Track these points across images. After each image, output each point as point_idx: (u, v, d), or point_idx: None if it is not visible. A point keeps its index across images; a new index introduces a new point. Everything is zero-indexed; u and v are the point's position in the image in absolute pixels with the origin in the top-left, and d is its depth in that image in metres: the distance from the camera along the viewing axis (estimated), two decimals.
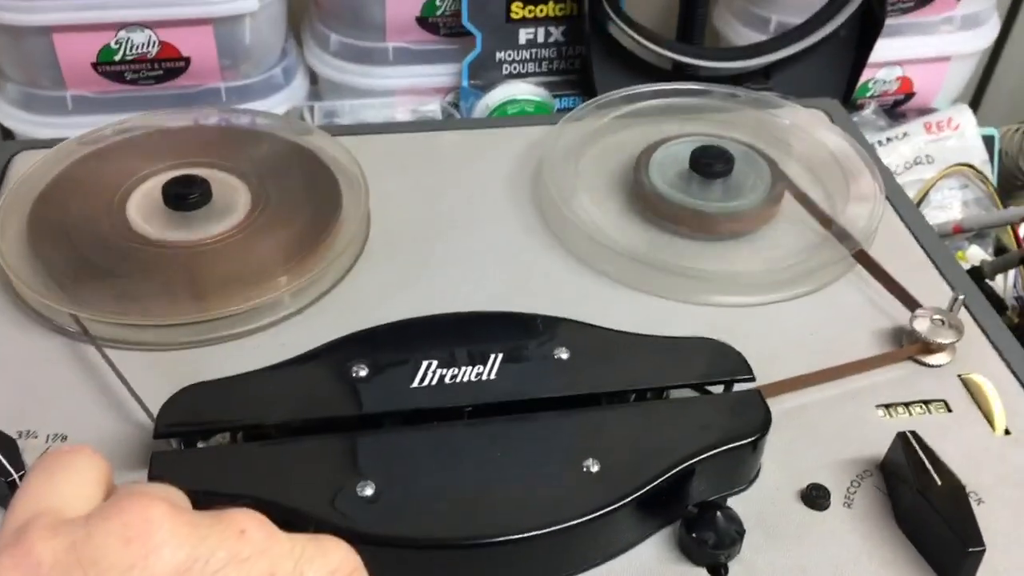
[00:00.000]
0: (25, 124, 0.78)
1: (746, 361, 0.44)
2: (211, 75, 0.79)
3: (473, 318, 0.45)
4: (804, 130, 0.62)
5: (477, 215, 0.56)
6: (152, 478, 0.38)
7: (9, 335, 0.47)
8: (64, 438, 0.42)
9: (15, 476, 0.38)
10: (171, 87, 0.79)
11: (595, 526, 0.37)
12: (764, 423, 0.41)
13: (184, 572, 0.25)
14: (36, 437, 0.42)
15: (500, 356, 0.43)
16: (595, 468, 0.39)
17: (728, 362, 0.44)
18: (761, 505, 0.41)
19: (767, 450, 0.42)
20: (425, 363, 0.42)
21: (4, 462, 0.38)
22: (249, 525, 0.28)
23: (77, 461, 0.29)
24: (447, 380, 0.42)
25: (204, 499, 0.37)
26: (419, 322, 0.45)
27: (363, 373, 0.42)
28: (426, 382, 0.42)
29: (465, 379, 0.42)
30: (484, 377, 0.42)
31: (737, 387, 0.44)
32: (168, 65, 0.77)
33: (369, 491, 0.37)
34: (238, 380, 0.42)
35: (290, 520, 0.36)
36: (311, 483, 0.38)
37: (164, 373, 0.45)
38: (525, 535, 0.37)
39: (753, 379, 0.43)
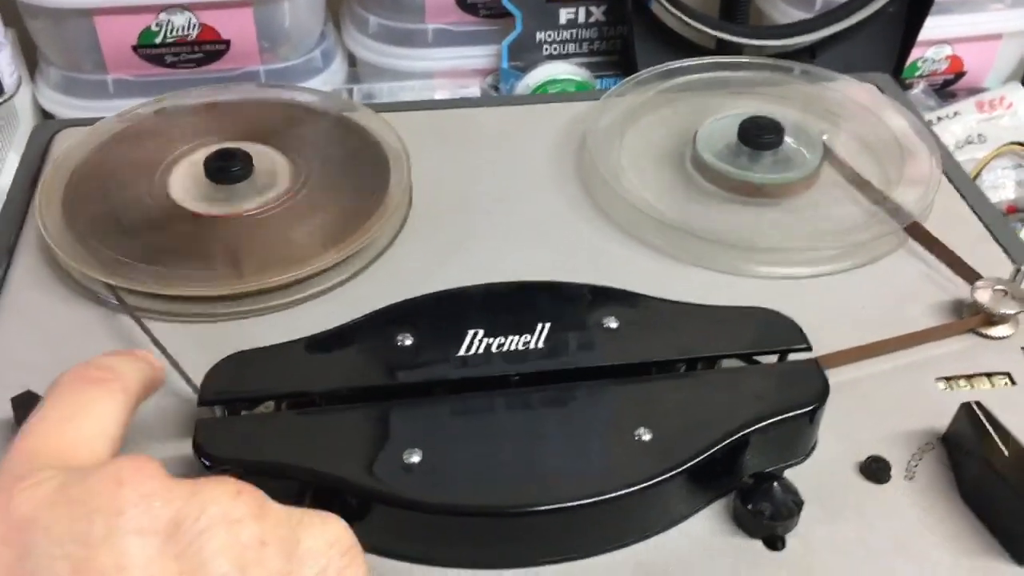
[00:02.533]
0: (66, 108, 0.79)
1: (801, 331, 0.42)
2: (250, 58, 0.79)
3: (519, 287, 0.44)
4: (856, 103, 0.61)
5: (521, 189, 0.55)
6: (196, 445, 0.37)
7: (53, 307, 0.47)
8: None
9: None
10: (211, 70, 0.79)
11: (647, 496, 0.36)
12: (822, 393, 0.40)
13: (173, 529, 0.24)
14: None
15: (547, 325, 0.42)
16: (647, 437, 0.38)
17: (782, 332, 0.43)
18: (819, 478, 0.40)
19: (824, 422, 0.41)
20: (471, 332, 0.41)
21: None
22: (246, 488, 0.27)
23: (98, 407, 0.29)
24: (494, 349, 0.41)
25: (250, 468, 0.37)
26: (465, 291, 0.44)
27: (408, 342, 0.41)
28: (472, 351, 0.41)
29: (512, 348, 0.41)
30: (531, 346, 0.41)
31: (792, 358, 0.42)
32: (208, 48, 0.77)
33: (416, 458, 0.36)
34: (283, 348, 0.41)
35: (336, 488, 0.36)
36: (357, 451, 0.37)
37: (207, 345, 0.44)
38: (575, 504, 0.36)
39: (809, 349, 0.42)
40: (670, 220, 0.51)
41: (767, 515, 0.37)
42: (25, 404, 0.39)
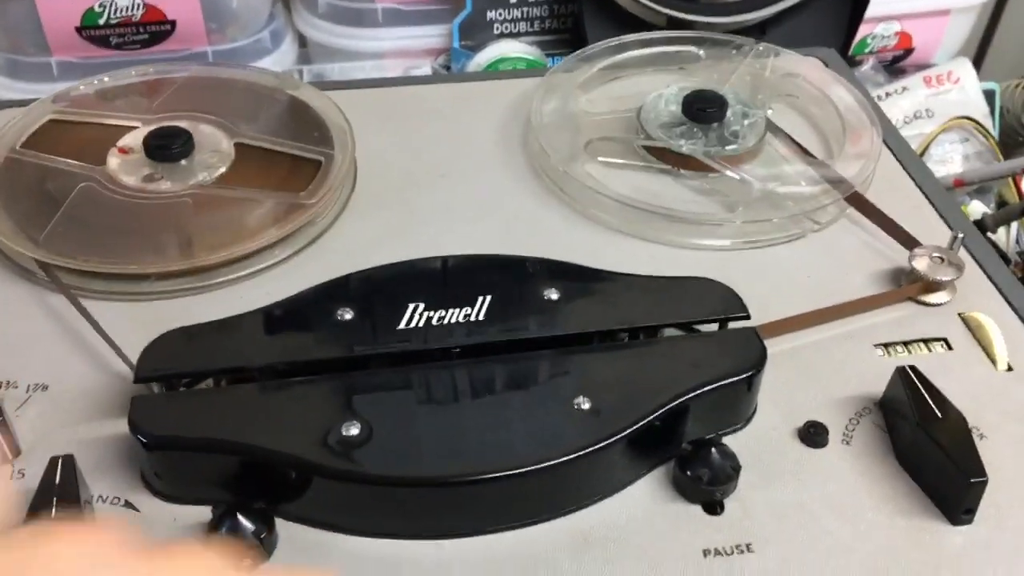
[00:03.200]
0: (10, 91, 0.77)
1: (740, 299, 0.43)
2: (197, 39, 0.78)
3: (460, 261, 0.44)
4: (801, 78, 0.61)
5: (467, 166, 0.55)
6: (132, 423, 0.37)
7: None
8: (45, 388, 0.41)
9: None
10: (157, 51, 0.78)
11: (586, 463, 0.37)
12: (759, 360, 0.40)
13: None
14: (17, 387, 0.41)
15: (488, 297, 0.42)
16: (586, 405, 0.38)
17: (722, 301, 0.43)
18: (758, 444, 0.40)
19: (763, 390, 0.41)
20: (412, 305, 0.41)
21: None
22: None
23: None
24: (434, 322, 0.41)
25: (187, 444, 0.37)
26: (405, 265, 0.44)
27: (348, 316, 0.41)
28: (413, 324, 0.41)
29: (453, 321, 0.41)
30: (472, 318, 0.41)
31: (732, 327, 0.43)
32: (153, 28, 0.76)
33: (355, 431, 0.36)
34: (221, 324, 0.41)
35: (273, 463, 0.36)
36: (295, 425, 0.37)
37: (147, 323, 0.44)
38: (513, 472, 0.36)
39: (748, 317, 0.42)
40: (613, 193, 0.51)
41: (705, 480, 0.37)
42: None
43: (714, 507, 0.38)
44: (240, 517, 0.35)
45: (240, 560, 0.27)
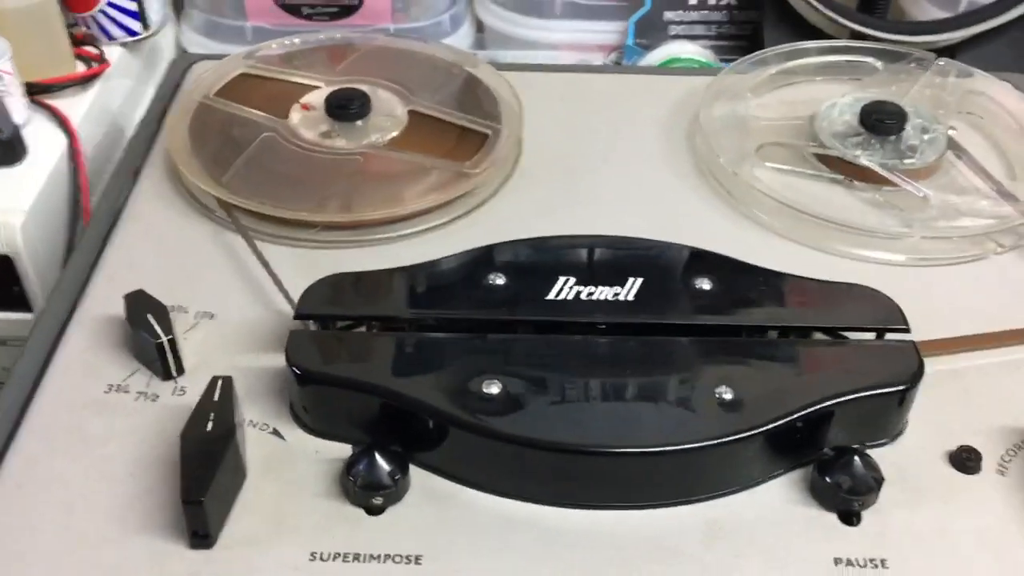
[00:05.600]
0: (206, 51, 0.82)
1: (901, 311, 0.41)
2: (382, 16, 0.81)
3: (616, 241, 0.45)
4: (983, 96, 0.58)
5: (630, 155, 0.55)
6: (288, 355, 0.38)
7: (171, 220, 0.49)
8: (211, 316, 0.44)
9: (163, 339, 0.40)
10: (343, 25, 0.81)
11: (718, 453, 0.36)
12: (915, 374, 0.39)
13: None
14: (187, 312, 0.44)
15: (640, 279, 0.42)
16: (728, 396, 0.37)
17: (882, 311, 0.41)
18: (904, 461, 0.39)
19: (917, 409, 0.40)
20: (563, 278, 0.42)
21: (155, 324, 0.40)
22: None
23: None
24: (583, 296, 0.41)
25: (335, 382, 0.38)
26: (560, 239, 0.44)
27: (500, 281, 0.42)
28: (562, 296, 0.41)
29: (601, 297, 0.41)
30: (621, 298, 0.41)
31: (890, 339, 0.41)
32: (344, 2, 0.80)
33: (495, 389, 0.37)
34: (379, 274, 0.42)
35: (412, 409, 0.37)
36: (437, 376, 0.38)
37: (309, 268, 0.45)
38: (639, 450, 0.36)
39: (907, 330, 0.41)
40: (785, 199, 0.50)
41: (844, 488, 0.36)
42: (137, 301, 0.42)
43: (851, 517, 0.37)
44: (377, 456, 0.36)
45: None
